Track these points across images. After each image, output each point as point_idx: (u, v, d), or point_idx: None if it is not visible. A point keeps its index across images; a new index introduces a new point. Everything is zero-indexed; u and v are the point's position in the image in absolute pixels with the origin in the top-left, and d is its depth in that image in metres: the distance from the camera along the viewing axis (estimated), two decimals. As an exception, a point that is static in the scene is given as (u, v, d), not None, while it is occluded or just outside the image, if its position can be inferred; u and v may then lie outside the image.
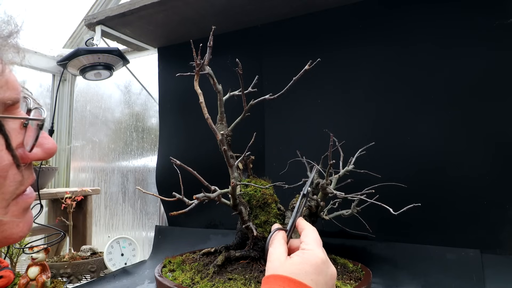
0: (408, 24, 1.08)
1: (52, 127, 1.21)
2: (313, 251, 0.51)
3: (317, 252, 0.51)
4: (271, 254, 0.52)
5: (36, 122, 0.36)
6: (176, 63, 1.51)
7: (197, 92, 0.88)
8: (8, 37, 0.38)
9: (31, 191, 0.39)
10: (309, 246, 0.52)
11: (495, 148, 0.95)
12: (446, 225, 1.00)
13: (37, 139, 0.36)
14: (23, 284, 1.02)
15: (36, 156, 0.38)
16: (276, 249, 0.52)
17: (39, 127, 0.36)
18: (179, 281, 0.87)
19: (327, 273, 0.49)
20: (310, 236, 0.54)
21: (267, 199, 0.95)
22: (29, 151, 0.37)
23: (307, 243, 0.52)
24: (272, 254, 0.51)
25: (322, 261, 0.50)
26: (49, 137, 0.39)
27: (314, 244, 0.52)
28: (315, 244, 0.52)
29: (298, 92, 1.09)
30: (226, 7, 1.17)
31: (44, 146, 0.39)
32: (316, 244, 0.52)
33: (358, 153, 0.97)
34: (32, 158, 0.37)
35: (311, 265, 0.48)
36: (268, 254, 0.52)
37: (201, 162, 1.02)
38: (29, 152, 0.37)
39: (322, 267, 0.49)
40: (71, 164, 2.04)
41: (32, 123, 0.37)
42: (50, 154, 0.39)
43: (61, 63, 1.27)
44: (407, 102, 1.07)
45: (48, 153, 0.39)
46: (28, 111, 0.38)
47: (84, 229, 1.69)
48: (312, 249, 0.51)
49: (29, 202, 0.39)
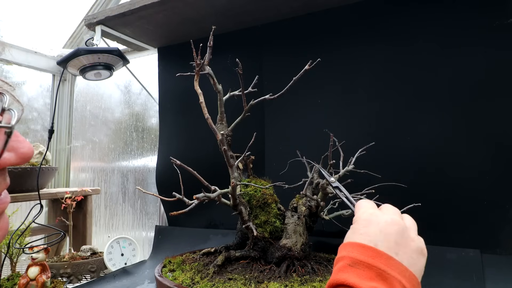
0: (408, 24, 1.08)
1: (52, 127, 1.21)
2: (359, 211, 0.53)
3: (363, 210, 0.52)
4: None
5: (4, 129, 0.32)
6: (176, 63, 1.51)
7: (197, 92, 0.88)
8: None
9: (5, 196, 0.36)
10: (358, 211, 0.54)
11: (495, 148, 0.95)
12: (446, 225, 1.00)
13: (6, 144, 0.32)
14: (23, 284, 1.02)
15: (8, 162, 0.34)
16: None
17: (7, 134, 0.32)
18: (179, 281, 0.87)
19: (378, 221, 0.49)
20: (357, 205, 0.55)
21: (267, 199, 0.96)
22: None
23: (356, 211, 0.54)
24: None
25: (370, 213, 0.50)
26: (24, 141, 0.35)
27: (359, 207, 0.54)
28: (360, 206, 0.54)
29: (298, 92, 1.09)
30: (226, 7, 1.17)
31: (19, 151, 0.35)
32: (362, 205, 0.54)
33: (358, 153, 0.97)
34: (4, 164, 0.34)
35: (359, 222, 0.50)
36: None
37: (201, 162, 1.02)
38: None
39: (370, 218, 0.50)
40: (71, 164, 2.04)
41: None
42: (25, 159, 0.35)
43: (61, 63, 1.27)
44: (407, 102, 1.07)
45: (23, 158, 0.35)
46: (2, 111, 0.33)
47: (84, 229, 1.69)
48: (357, 211, 0.53)
49: (3, 208, 0.36)
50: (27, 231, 1.14)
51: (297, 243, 0.91)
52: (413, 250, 0.47)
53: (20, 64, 1.81)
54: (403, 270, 0.44)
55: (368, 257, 0.44)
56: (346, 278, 0.43)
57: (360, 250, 0.46)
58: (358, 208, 0.53)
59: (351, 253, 0.46)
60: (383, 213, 0.50)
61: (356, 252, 0.45)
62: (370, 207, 0.53)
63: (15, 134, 0.34)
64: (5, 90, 0.35)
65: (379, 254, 0.44)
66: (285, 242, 0.91)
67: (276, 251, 0.91)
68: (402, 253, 0.45)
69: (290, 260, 0.90)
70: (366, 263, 0.44)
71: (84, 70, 1.29)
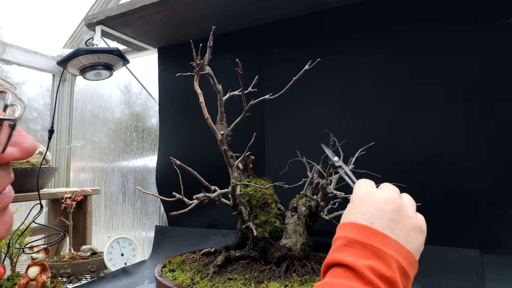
0: (409, 24, 1.08)
1: (52, 127, 1.21)
2: (356, 189, 0.52)
3: (359, 188, 0.52)
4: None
5: (8, 122, 0.33)
6: (176, 63, 1.51)
7: (197, 92, 0.88)
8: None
9: (9, 190, 0.37)
10: (355, 190, 0.53)
11: (495, 148, 0.95)
12: (446, 225, 1.00)
13: (9, 138, 0.33)
14: (23, 284, 1.02)
15: (12, 156, 0.35)
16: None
17: (11, 127, 0.33)
18: (179, 281, 0.87)
19: (374, 199, 0.48)
20: (356, 184, 0.55)
21: (267, 199, 0.96)
22: (1, 152, 0.33)
23: (354, 190, 0.54)
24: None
25: (366, 192, 0.50)
26: (27, 136, 0.36)
27: (357, 185, 0.53)
28: (358, 185, 0.53)
29: (298, 92, 1.09)
30: (226, 7, 1.17)
31: (22, 146, 0.35)
32: (360, 184, 0.53)
33: (358, 153, 0.97)
34: (7, 159, 0.34)
35: (355, 201, 0.50)
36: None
37: (201, 162, 1.02)
38: (2, 152, 0.34)
39: (366, 196, 0.49)
40: (71, 164, 2.04)
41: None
42: (29, 154, 0.36)
43: (61, 63, 1.27)
44: (407, 102, 1.07)
45: (26, 153, 0.36)
46: (5, 107, 0.34)
47: (84, 229, 1.69)
48: (355, 189, 0.53)
49: (6, 202, 0.37)
50: (27, 231, 1.14)
51: (297, 243, 0.91)
52: (409, 227, 0.47)
53: (20, 64, 1.81)
54: (399, 248, 0.44)
55: (363, 236, 0.44)
56: (341, 258, 0.43)
57: (355, 230, 0.46)
58: (355, 187, 0.53)
59: (347, 233, 0.46)
60: (379, 191, 0.50)
61: (351, 232, 0.46)
62: (367, 185, 0.52)
63: (18, 129, 0.35)
64: (7, 88, 0.36)
65: (374, 233, 0.45)
66: (285, 242, 0.91)
67: (276, 251, 0.91)
68: (398, 231, 0.45)
69: (290, 260, 0.90)
70: (361, 242, 0.44)
71: (84, 70, 1.29)
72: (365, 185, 0.52)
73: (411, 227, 0.46)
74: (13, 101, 0.35)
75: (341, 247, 0.45)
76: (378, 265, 0.41)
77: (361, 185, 0.53)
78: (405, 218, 0.47)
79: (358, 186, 0.53)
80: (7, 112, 0.34)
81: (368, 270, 0.41)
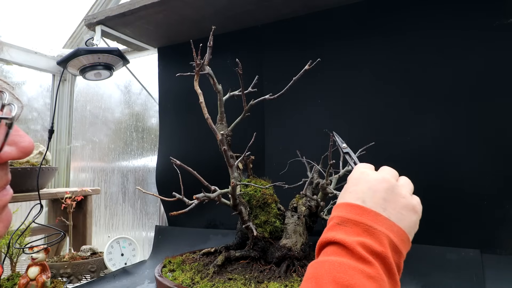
0: (409, 24, 1.08)
1: (52, 127, 1.21)
2: (353, 171, 0.54)
3: (355, 169, 0.53)
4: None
5: (5, 120, 0.33)
6: (176, 63, 1.51)
7: (197, 92, 0.88)
8: None
9: (7, 189, 0.37)
10: (353, 172, 0.54)
11: (495, 148, 0.95)
12: (446, 225, 1.00)
13: (6, 137, 0.33)
14: (23, 284, 1.02)
15: (10, 156, 0.34)
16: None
17: (8, 126, 0.33)
18: (179, 281, 0.87)
19: (368, 179, 0.50)
20: (355, 167, 0.56)
21: (267, 199, 0.96)
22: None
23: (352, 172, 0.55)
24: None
25: (360, 172, 0.52)
26: (25, 135, 0.36)
27: (355, 168, 0.55)
28: (356, 167, 0.55)
29: (298, 92, 1.09)
30: (226, 7, 1.17)
31: (19, 145, 0.35)
32: (358, 166, 0.55)
33: (358, 153, 0.97)
34: (5, 158, 0.34)
35: (350, 181, 0.52)
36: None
37: (201, 162, 1.02)
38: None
39: (361, 176, 0.51)
40: (71, 164, 2.04)
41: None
42: (26, 153, 0.36)
43: (61, 63, 1.27)
44: (407, 102, 1.07)
45: (24, 152, 0.36)
46: (2, 106, 0.34)
47: (84, 229, 1.69)
48: (352, 171, 0.54)
49: (5, 201, 0.36)
50: (27, 231, 1.14)
51: (297, 243, 0.91)
52: (402, 206, 0.48)
53: (20, 64, 1.81)
54: (391, 225, 0.45)
55: (355, 215, 0.46)
56: (333, 236, 0.45)
57: (348, 209, 0.47)
58: (354, 169, 0.55)
59: (340, 213, 0.48)
60: (374, 172, 0.52)
61: (344, 211, 0.47)
62: (364, 167, 0.54)
63: (16, 128, 0.35)
64: (4, 88, 0.35)
65: (366, 211, 0.46)
66: (285, 242, 0.91)
67: (276, 251, 0.91)
68: (390, 209, 0.47)
69: (290, 260, 0.90)
70: (353, 221, 0.45)
71: (84, 70, 1.29)
72: (361, 166, 0.54)
73: (403, 206, 0.48)
74: (10, 101, 0.35)
75: (334, 226, 0.46)
76: (369, 241, 0.43)
77: (359, 166, 0.54)
78: (398, 197, 0.49)
79: (356, 168, 0.55)
80: (4, 111, 0.34)
81: (359, 246, 0.42)
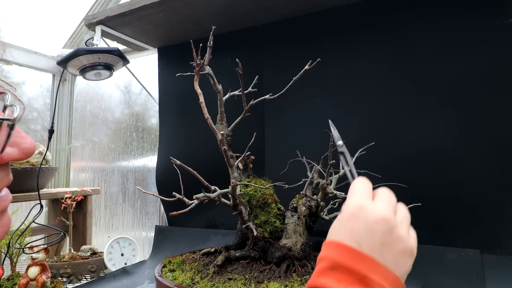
0: (409, 24, 1.08)
1: (52, 127, 1.21)
2: (349, 198, 0.47)
3: (351, 200, 0.47)
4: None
5: (7, 122, 0.33)
6: (176, 63, 1.51)
7: (197, 92, 0.88)
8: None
9: (7, 193, 0.37)
10: (349, 197, 0.48)
11: (495, 148, 0.95)
12: (446, 225, 1.00)
13: (8, 138, 0.33)
14: (23, 284, 1.02)
15: (11, 157, 0.35)
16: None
17: (10, 127, 0.33)
18: (179, 281, 0.87)
19: (366, 218, 0.44)
20: (351, 189, 0.50)
21: (267, 199, 0.96)
22: (0, 152, 0.33)
23: (348, 196, 0.48)
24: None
25: (359, 208, 0.46)
26: (26, 136, 0.36)
27: (352, 192, 0.48)
28: (352, 191, 0.48)
29: (298, 92, 1.09)
30: (226, 7, 1.17)
31: (21, 146, 0.35)
32: (354, 191, 0.48)
33: (358, 153, 0.97)
34: (6, 159, 0.34)
35: (346, 216, 0.46)
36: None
37: (201, 162, 1.02)
38: (1, 153, 0.33)
39: (358, 213, 0.45)
40: (71, 164, 2.04)
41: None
42: (28, 154, 0.36)
43: (61, 63, 1.27)
44: (407, 102, 1.07)
45: (26, 153, 0.36)
46: (4, 108, 0.34)
47: (84, 229, 1.69)
48: (349, 196, 0.48)
49: (4, 205, 0.36)
50: (27, 231, 1.14)
51: (297, 243, 0.91)
52: (400, 251, 0.45)
53: (20, 64, 1.81)
54: (387, 274, 0.42)
55: (349, 260, 0.42)
56: (324, 283, 0.42)
57: (342, 251, 0.44)
58: (350, 193, 0.48)
59: (333, 255, 0.44)
60: (373, 207, 0.46)
61: (337, 254, 0.44)
62: (362, 196, 0.48)
63: (17, 130, 0.35)
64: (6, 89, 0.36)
65: (361, 257, 0.43)
66: (285, 242, 0.91)
67: (276, 251, 0.91)
68: (387, 254, 0.43)
69: (290, 260, 0.90)
70: (347, 267, 0.42)
71: (84, 70, 1.29)
72: (359, 195, 0.48)
73: (401, 251, 0.45)
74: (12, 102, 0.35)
75: (325, 271, 0.43)
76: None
77: (356, 193, 0.48)
78: (396, 241, 0.45)
79: (352, 193, 0.48)
80: (6, 112, 0.34)
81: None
